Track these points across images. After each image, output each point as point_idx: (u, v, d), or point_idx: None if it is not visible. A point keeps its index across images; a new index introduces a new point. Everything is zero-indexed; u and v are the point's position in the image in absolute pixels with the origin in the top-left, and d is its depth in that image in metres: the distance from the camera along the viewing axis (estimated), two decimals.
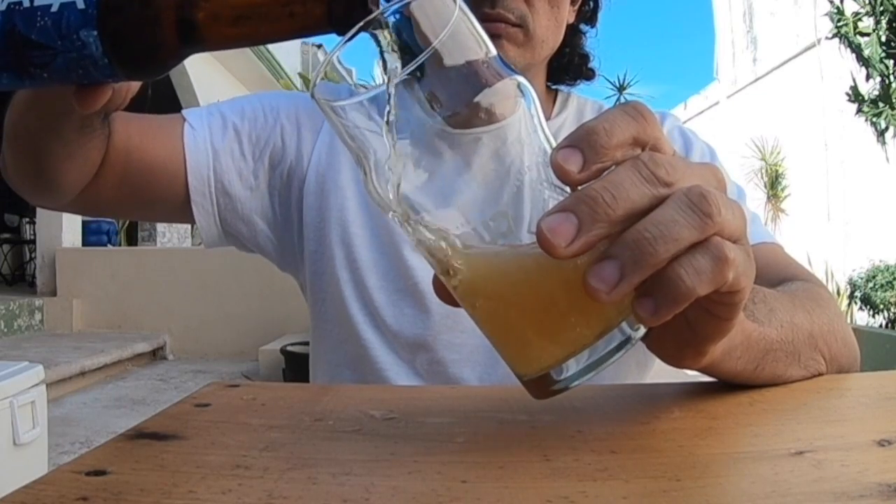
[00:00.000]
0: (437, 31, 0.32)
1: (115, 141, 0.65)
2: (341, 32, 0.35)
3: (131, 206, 0.75)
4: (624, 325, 0.32)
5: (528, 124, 0.34)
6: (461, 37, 0.33)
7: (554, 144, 0.32)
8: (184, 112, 0.75)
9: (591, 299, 0.29)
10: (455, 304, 0.35)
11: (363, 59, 0.36)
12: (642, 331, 0.33)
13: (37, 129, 0.58)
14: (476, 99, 0.33)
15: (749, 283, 0.32)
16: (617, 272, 0.29)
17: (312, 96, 0.34)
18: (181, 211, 0.73)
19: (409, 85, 0.32)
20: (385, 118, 0.32)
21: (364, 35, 0.34)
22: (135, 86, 0.47)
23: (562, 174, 0.30)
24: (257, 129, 0.75)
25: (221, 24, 0.36)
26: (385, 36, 0.33)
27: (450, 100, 0.33)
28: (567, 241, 0.28)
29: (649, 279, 0.29)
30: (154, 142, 0.70)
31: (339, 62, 0.35)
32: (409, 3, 0.33)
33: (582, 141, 0.30)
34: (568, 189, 0.32)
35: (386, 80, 0.32)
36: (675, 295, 0.29)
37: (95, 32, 0.35)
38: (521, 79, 0.34)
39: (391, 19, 0.33)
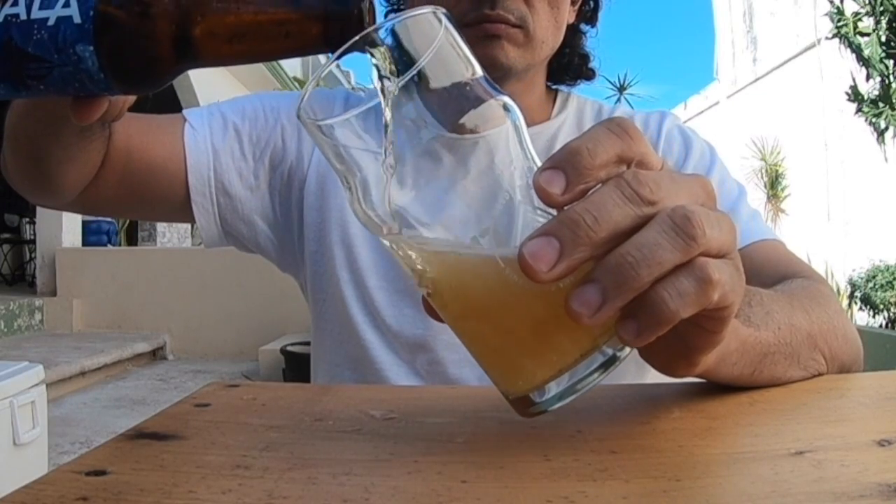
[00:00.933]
0: (422, 53, 0.32)
1: (115, 141, 0.65)
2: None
3: (131, 205, 0.75)
4: (606, 346, 0.32)
5: (515, 143, 0.34)
6: (446, 58, 0.33)
7: (539, 163, 0.32)
8: (184, 112, 0.75)
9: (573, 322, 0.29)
10: (440, 320, 0.35)
11: (360, 61, 0.36)
12: (627, 351, 0.33)
13: (36, 133, 0.58)
14: (462, 120, 0.33)
15: (738, 297, 0.32)
16: (599, 296, 0.28)
17: (298, 116, 0.34)
18: (181, 210, 0.73)
19: (400, 102, 0.32)
20: (384, 137, 0.32)
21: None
22: (131, 98, 0.47)
23: (544, 197, 0.29)
24: (258, 129, 0.75)
25: (218, 42, 0.36)
26: (377, 54, 0.33)
27: (436, 121, 0.33)
28: (549, 265, 0.28)
29: (633, 301, 0.29)
30: (155, 142, 0.70)
31: (338, 66, 0.35)
32: (394, 24, 0.33)
33: (565, 162, 0.30)
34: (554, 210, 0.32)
35: (381, 97, 0.32)
36: (658, 318, 0.29)
37: (91, 47, 0.35)
38: (506, 99, 0.34)
39: (383, 38, 0.33)
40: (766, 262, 0.67)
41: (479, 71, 0.34)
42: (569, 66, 0.81)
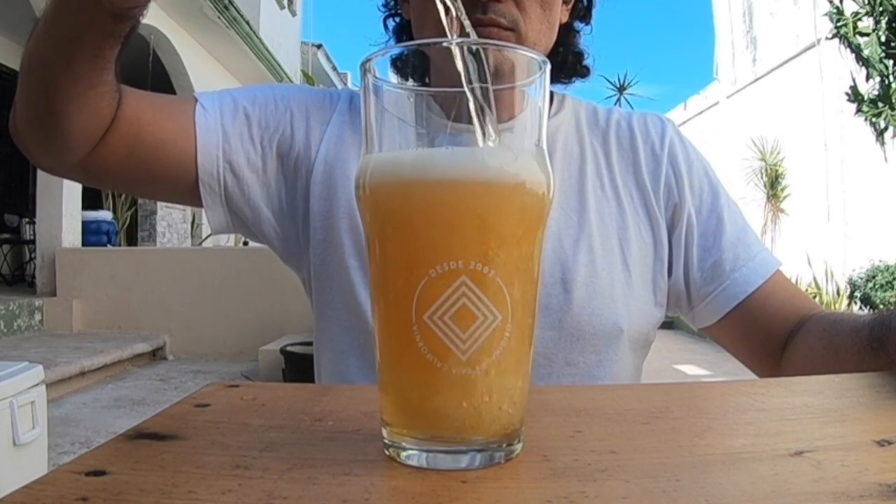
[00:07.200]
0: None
1: (126, 110, 0.66)
2: None
3: (137, 178, 0.75)
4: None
5: None
6: None
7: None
8: (196, 93, 0.76)
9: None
10: None
11: (358, 61, 0.36)
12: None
13: (50, 58, 0.59)
14: None
15: None
16: None
17: (364, 68, 0.34)
18: (187, 190, 0.74)
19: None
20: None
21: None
22: None
23: None
24: (267, 115, 0.76)
25: None
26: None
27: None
28: None
29: None
30: (166, 117, 0.71)
31: (335, 69, 0.36)
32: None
33: None
34: None
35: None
36: None
37: None
38: None
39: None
40: (787, 300, 0.74)
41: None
42: (563, 64, 0.82)
